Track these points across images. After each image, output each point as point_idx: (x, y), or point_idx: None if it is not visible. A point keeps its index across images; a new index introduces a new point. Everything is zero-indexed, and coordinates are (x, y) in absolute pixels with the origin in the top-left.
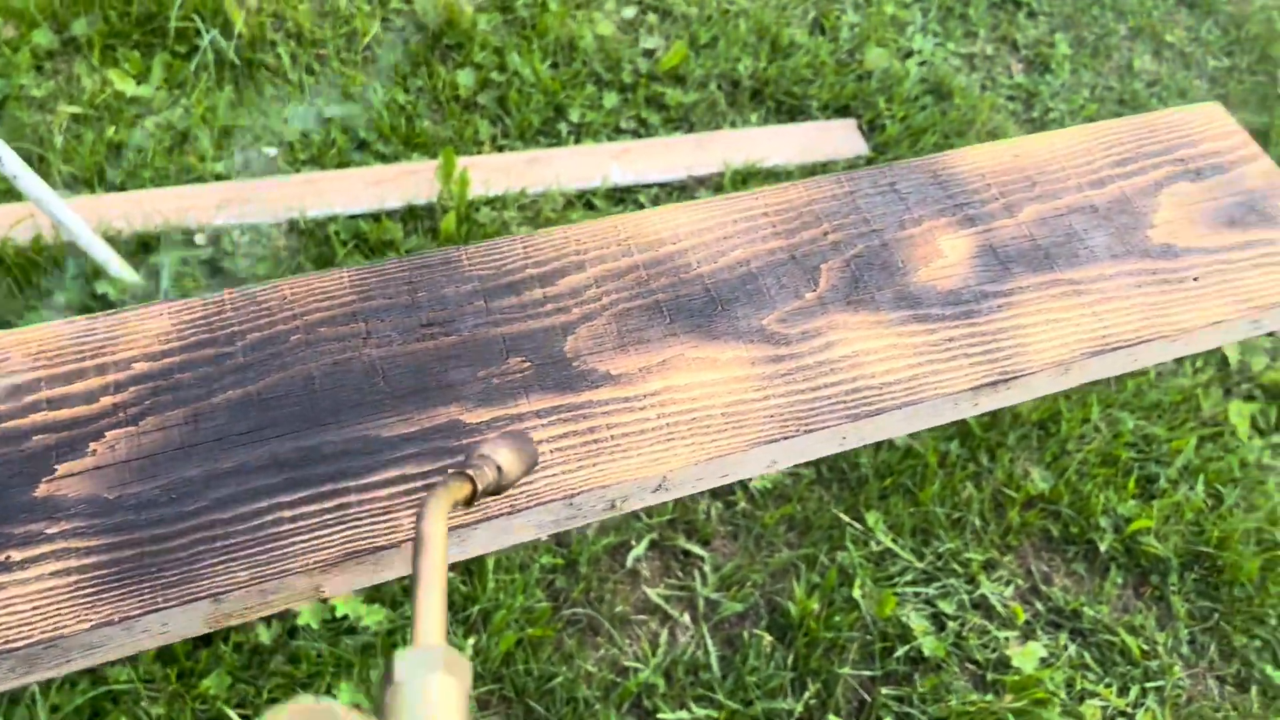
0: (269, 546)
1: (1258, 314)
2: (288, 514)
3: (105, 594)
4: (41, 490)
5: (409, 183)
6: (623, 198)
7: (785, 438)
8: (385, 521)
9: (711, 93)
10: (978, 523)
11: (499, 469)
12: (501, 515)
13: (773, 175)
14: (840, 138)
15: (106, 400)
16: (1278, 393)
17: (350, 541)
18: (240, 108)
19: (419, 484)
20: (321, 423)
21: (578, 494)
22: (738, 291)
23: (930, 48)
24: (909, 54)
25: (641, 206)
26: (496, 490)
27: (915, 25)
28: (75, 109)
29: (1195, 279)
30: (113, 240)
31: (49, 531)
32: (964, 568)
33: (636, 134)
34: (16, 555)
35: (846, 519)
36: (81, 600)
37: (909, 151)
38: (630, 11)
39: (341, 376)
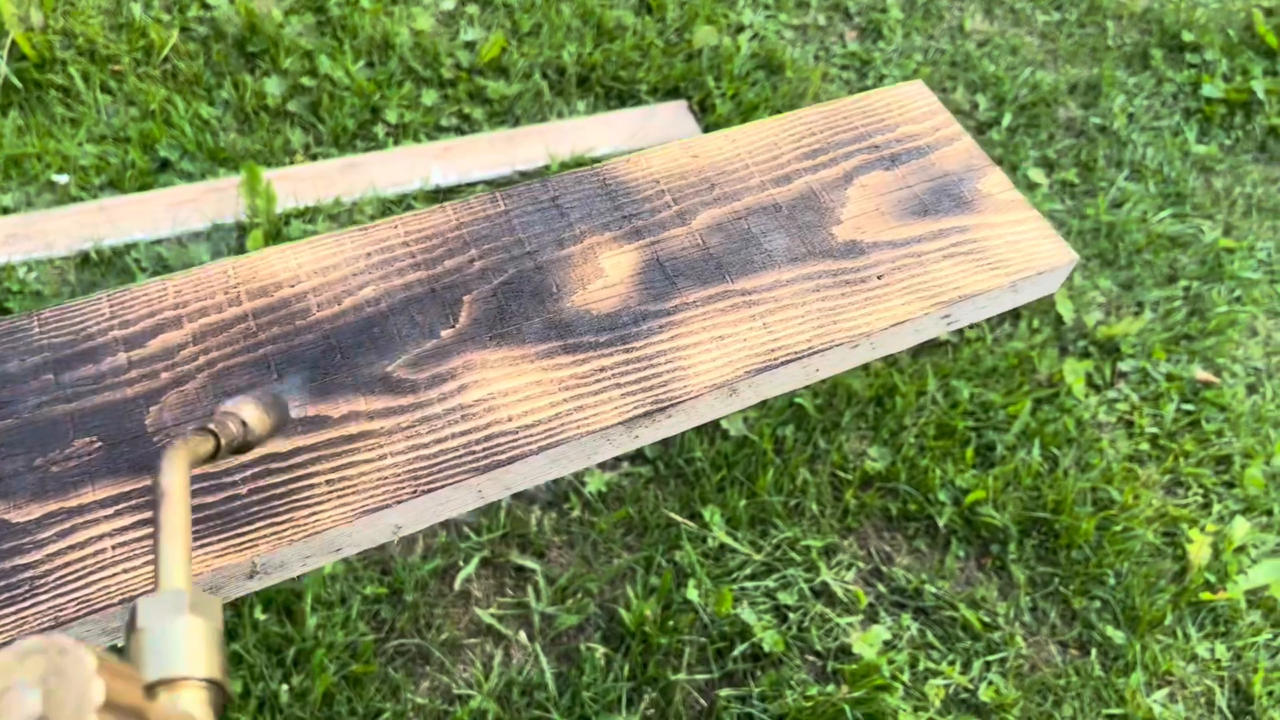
0: None
1: (945, 308)
2: None
3: None
4: None
5: (214, 201)
6: (446, 199)
7: (400, 501)
8: None
9: (536, 83)
10: (815, 508)
11: (244, 424)
12: (45, 629)
13: (601, 163)
14: (671, 120)
15: None
16: (1111, 348)
17: None
18: (27, 134)
19: None
20: None
21: (143, 593)
22: (362, 336)
23: (762, 21)
24: (740, 29)
25: None
26: (243, 447)
27: None
28: None
29: (879, 277)
30: None
31: None
32: (803, 555)
33: (460, 131)
34: None
35: (679, 518)
36: None
37: None
38: (450, 3)
39: None
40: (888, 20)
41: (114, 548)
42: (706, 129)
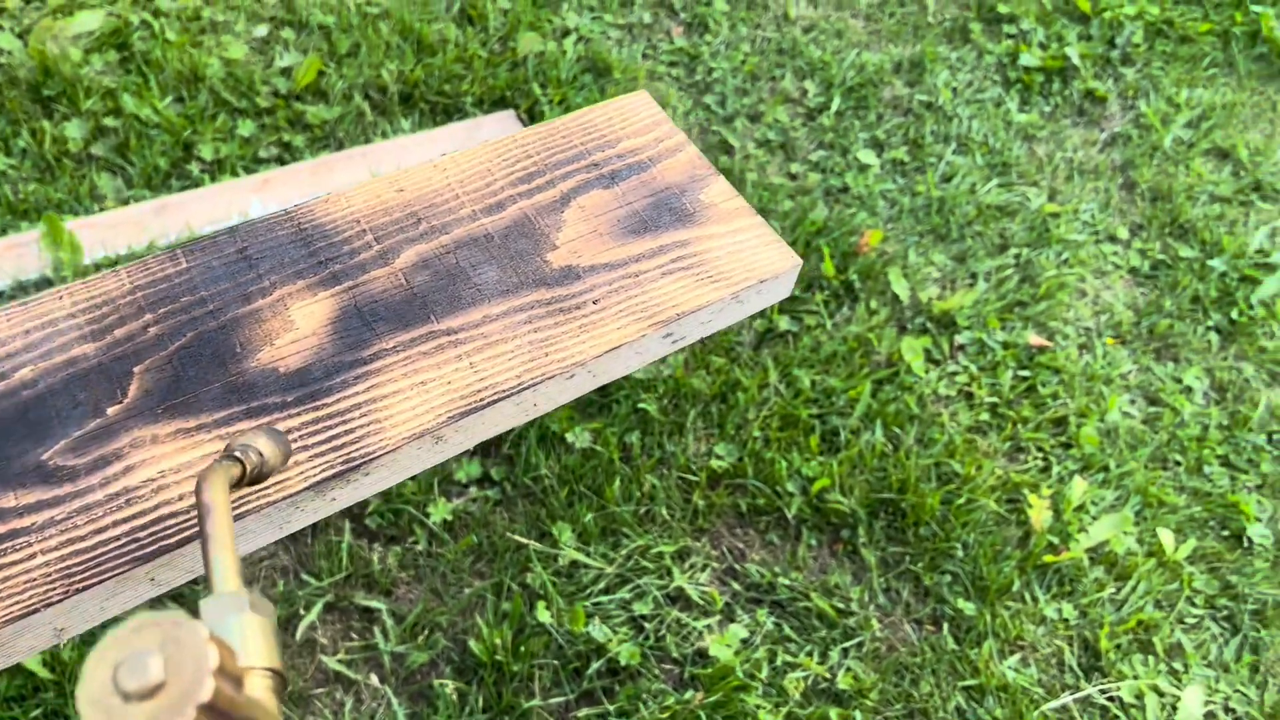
0: None
1: (664, 327)
2: None
3: None
4: None
5: (14, 258)
6: None
7: (49, 604)
8: None
9: (357, 104)
10: (666, 513)
11: (261, 455)
12: None
13: None
14: (499, 131)
15: None
16: (948, 321)
17: None
18: None
19: None
20: None
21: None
22: (15, 423)
23: (587, 23)
24: (566, 33)
25: None
26: (259, 478)
27: (570, 2)
28: None
29: (595, 302)
30: None
31: None
32: (656, 563)
33: (280, 160)
34: None
35: (527, 540)
36: None
37: None
38: (262, 30)
39: None
40: (713, 13)
41: None
42: None
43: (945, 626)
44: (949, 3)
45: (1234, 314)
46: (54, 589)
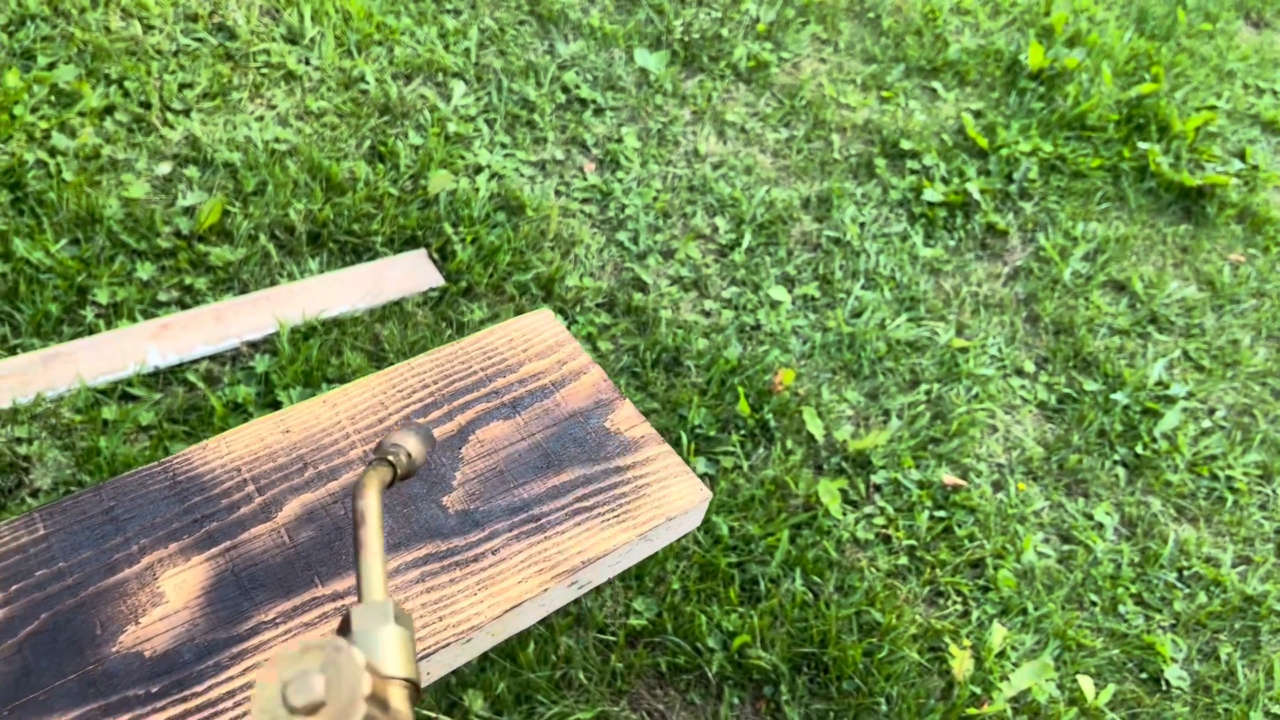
0: None
1: (570, 576)
2: None
3: None
4: None
5: None
6: (168, 380)
7: None
8: None
9: (263, 245)
10: (583, 676)
11: (410, 455)
12: None
13: (338, 325)
14: (410, 270)
15: None
16: (864, 461)
17: None
18: None
19: None
20: None
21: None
22: None
23: (499, 160)
24: (478, 170)
25: (192, 387)
26: (409, 474)
27: (482, 139)
28: None
29: (494, 552)
30: None
31: None
32: None
33: (181, 304)
34: None
35: (433, 714)
36: None
37: (483, 275)
38: (165, 168)
39: None
40: (625, 150)
41: None
42: (449, 277)
43: None
44: (854, 139)
45: (1138, 448)
46: None
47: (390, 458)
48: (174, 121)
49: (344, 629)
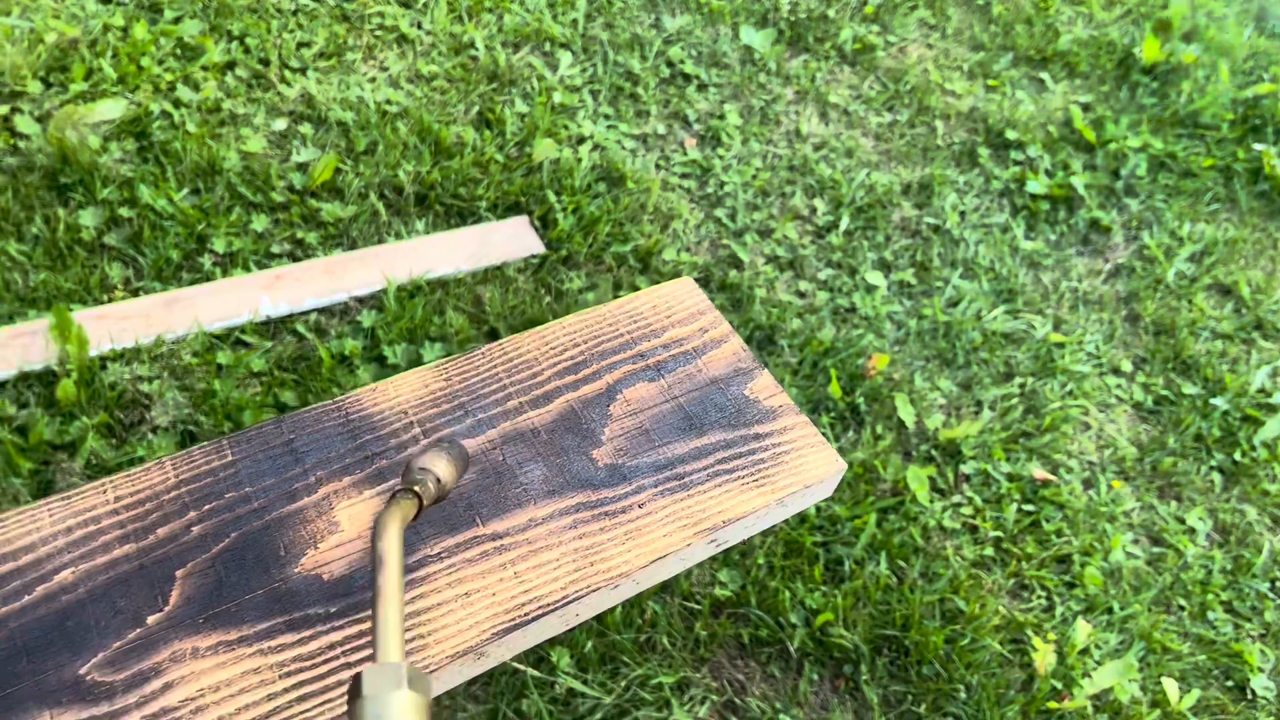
0: None
1: (710, 534)
2: None
3: None
4: None
5: (20, 347)
6: (278, 330)
7: None
8: None
9: (372, 203)
10: (666, 641)
11: (438, 480)
12: None
13: (442, 286)
14: (512, 237)
15: None
16: (953, 450)
17: None
18: None
19: None
20: None
21: None
22: (54, 632)
23: (603, 132)
24: (581, 140)
25: (301, 338)
26: (439, 499)
27: (586, 110)
28: None
29: (641, 505)
30: None
31: None
32: (655, 694)
33: (293, 257)
34: None
35: (524, 667)
36: None
37: (583, 245)
38: (281, 124)
39: None
40: (726, 127)
41: None
42: (550, 245)
43: None
44: (958, 126)
45: (1236, 455)
46: None
47: (417, 487)
48: (291, 79)
49: (354, 692)
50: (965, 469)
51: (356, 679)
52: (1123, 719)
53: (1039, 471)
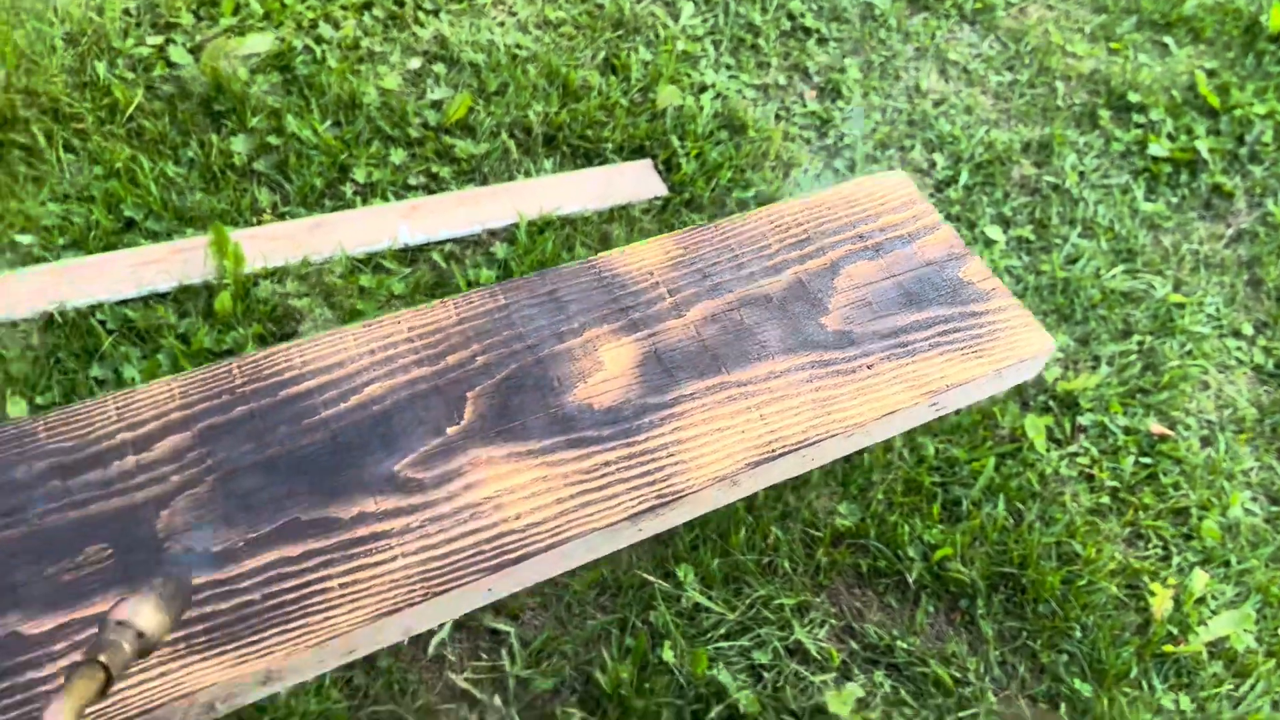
0: None
1: (933, 397)
2: None
3: None
4: None
5: (180, 261)
6: (415, 258)
7: (411, 604)
8: None
9: (503, 142)
10: (788, 566)
11: (139, 635)
12: None
13: (569, 223)
14: (637, 179)
15: None
16: (1070, 402)
17: None
18: None
19: None
20: None
21: (158, 706)
22: (369, 435)
23: (724, 81)
24: (703, 88)
25: (435, 266)
26: (144, 653)
27: (708, 59)
28: None
29: (869, 367)
30: None
31: None
32: (777, 614)
33: (427, 189)
34: None
35: (653, 578)
36: None
37: (705, 189)
38: (416, 63)
39: None
40: (846, 80)
41: None
42: (672, 188)
43: (1062, 707)
44: (1079, 88)
45: None
46: (414, 591)
47: (104, 656)
48: (425, 20)
49: None
50: (1082, 420)
51: None
52: (1238, 666)
53: (1156, 426)
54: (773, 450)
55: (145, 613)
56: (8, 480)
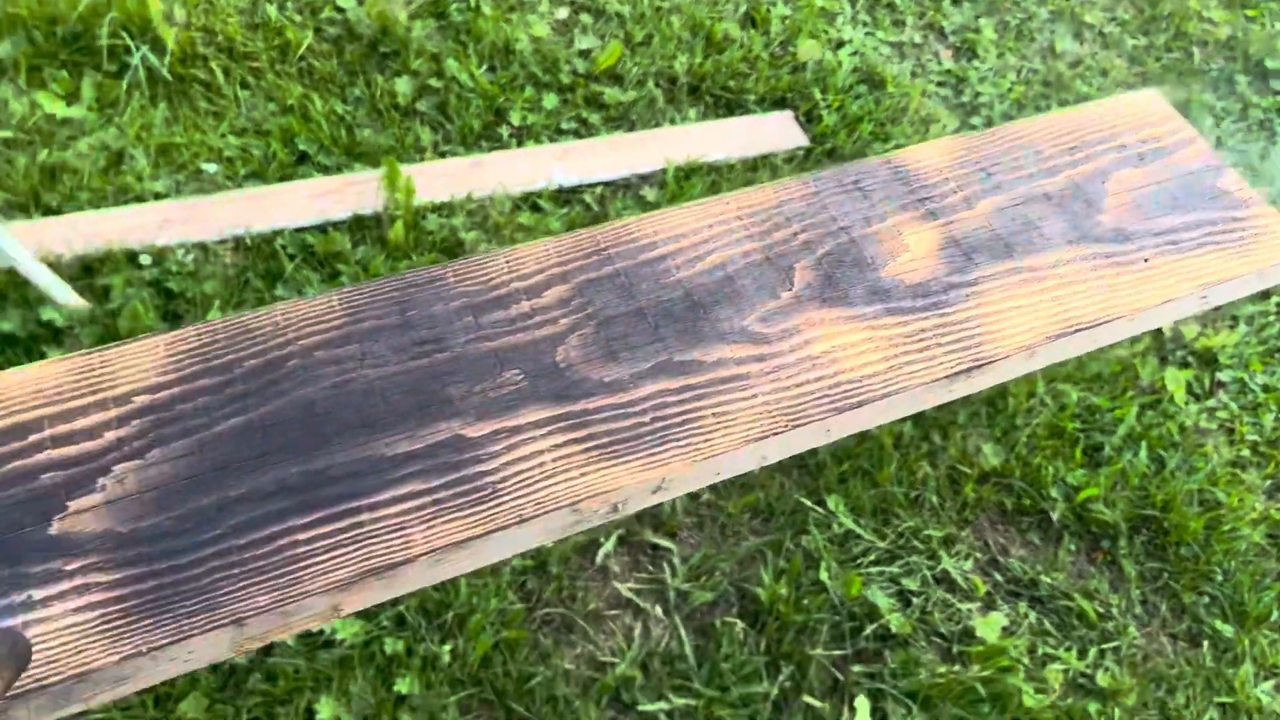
0: (287, 570)
1: (1204, 290)
2: (302, 536)
3: (130, 627)
4: (55, 528)
5: (353, 193)
6: (568, 199)
7: (775, 433)
8: (398, 537)
9: (650, 90)
10: (935, 500)
11: None
12: (510, 525)
13: (714, 170)
14: (779, 130)
15: (110, 435)
16: (1209, 359)
17: (365, 560)
18: (175, 125)
19: (427, 499)
20: (327, 445)
21: (581, 500)
22: (717, 294)
23: (860, 37)
24: (840, 44)
25: (588, 207)
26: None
27: (845, 16)
28: (5, 133)
29: (1145, 260)
30: (54, 266)
31: (67, 568)
32: (925, 544)
33: (577, 134)
34: (38, 594)
35: (809, 503)
36: (107, 634)
37: (847, 141)
38: (563, 12)
39: (341, 399)
40: (981, 40)
41: (553, 460)
42: (813, 140)
43: (1204, 644)
44: (1215, 54)
45: None
46: (775, 422)
47: None
48: None
49: None
50: (1221, 376)
51: None
52: None
53: None
54: (1068, 326)
55: None
56: (429, 314)
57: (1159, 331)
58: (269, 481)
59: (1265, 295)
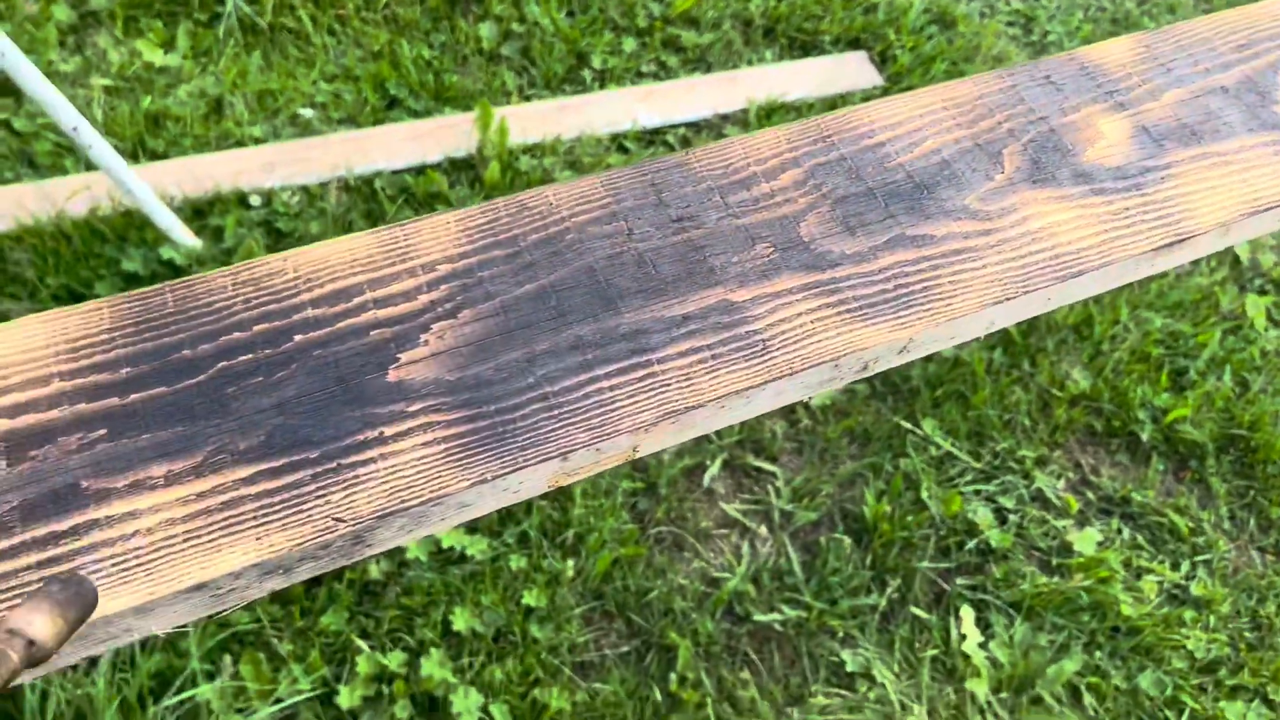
0: (598, 412)
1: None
2: (606, 384)
3: (472, 458)
4: (392, 375)
5: (447, 135)
6: (652, 139)
7: (1008, 299)
8: (688, 386)
9: (726, 33)
10: (1027, 422)
11: (30, 643)
12: (783, 377)
13: (794, 109)
14: (854, 70)
15: (423, 298)
16: None
17: (662, 405)
18: (269, 71)
19: (707, 354)
20: (613, 307)
21: (840, 357)
22: (937, 176)
23: None
24: None
25: (671, 147)
26: (32, 665)
27: None
28: (107, 82)
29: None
30: (169, 207)
31: (409, 409)
32: (1019, 465)
33: (657, 76)
34: (389, 430)
35: (907, 425)
36: (454, 464)
37: (922, 80)
38: None
39: (618, 268)
40: None
41: (811, 321)
42: (889, 79)
43: None
44: None
45: None
46: (1008, 289)
47: None
48: None
49: None
50: None
51: None
52: None
53: None
54: (1259, 205)
55: (37, 621)
56: (682, 194)
57: (1237, 260)
58: (568, 338)
59: None
